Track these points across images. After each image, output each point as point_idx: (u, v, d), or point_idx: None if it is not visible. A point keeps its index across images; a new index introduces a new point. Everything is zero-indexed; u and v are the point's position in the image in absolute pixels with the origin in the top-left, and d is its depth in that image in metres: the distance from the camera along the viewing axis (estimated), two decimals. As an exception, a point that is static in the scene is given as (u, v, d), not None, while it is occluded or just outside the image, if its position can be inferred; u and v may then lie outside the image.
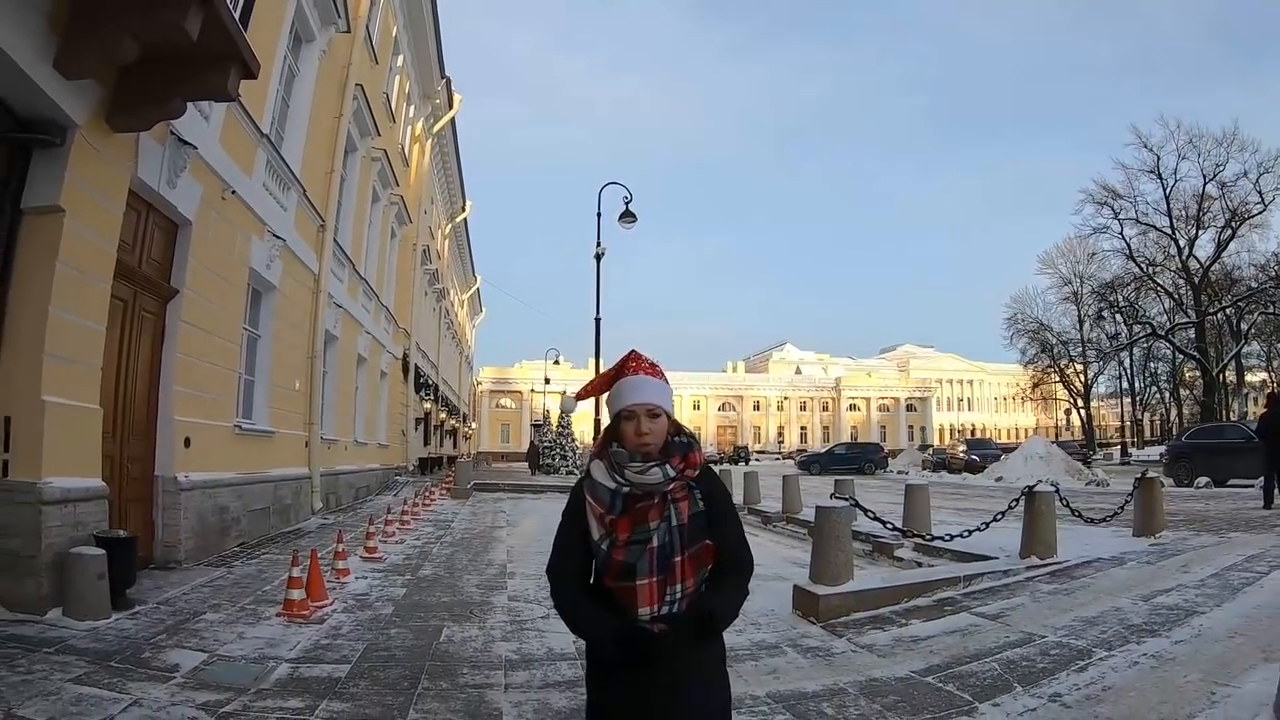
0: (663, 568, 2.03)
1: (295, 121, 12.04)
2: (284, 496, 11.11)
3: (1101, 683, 4.28)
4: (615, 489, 2.08)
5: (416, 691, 4.32)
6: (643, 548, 2.03)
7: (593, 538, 2.09)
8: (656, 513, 2.06)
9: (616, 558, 2.04)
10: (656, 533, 2.04)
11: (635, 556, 2.02)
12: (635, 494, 2.07)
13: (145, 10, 5.64)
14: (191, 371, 8.28)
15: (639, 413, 2.11)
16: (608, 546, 2.05)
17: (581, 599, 2.11)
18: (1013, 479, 25.36)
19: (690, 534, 2.07)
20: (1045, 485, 8.21)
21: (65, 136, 5.91)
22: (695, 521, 2.09)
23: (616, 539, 2.05)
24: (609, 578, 2.06)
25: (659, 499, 2.08)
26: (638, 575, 2.02)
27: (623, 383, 2.17)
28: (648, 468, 2.06)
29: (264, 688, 4.29)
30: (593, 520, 2.10)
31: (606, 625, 2.03)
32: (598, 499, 2.10)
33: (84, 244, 6.13)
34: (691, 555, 2.06)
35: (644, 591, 2.02)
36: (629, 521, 2.06)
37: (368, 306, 18.30)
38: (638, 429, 2.10)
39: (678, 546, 2.05)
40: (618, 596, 2.05)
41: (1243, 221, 45.44)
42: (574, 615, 2.11)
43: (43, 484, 5.57)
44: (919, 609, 6.18)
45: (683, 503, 2.09)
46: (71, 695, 3.96)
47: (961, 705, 4.05)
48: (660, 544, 2.04)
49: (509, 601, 6.87)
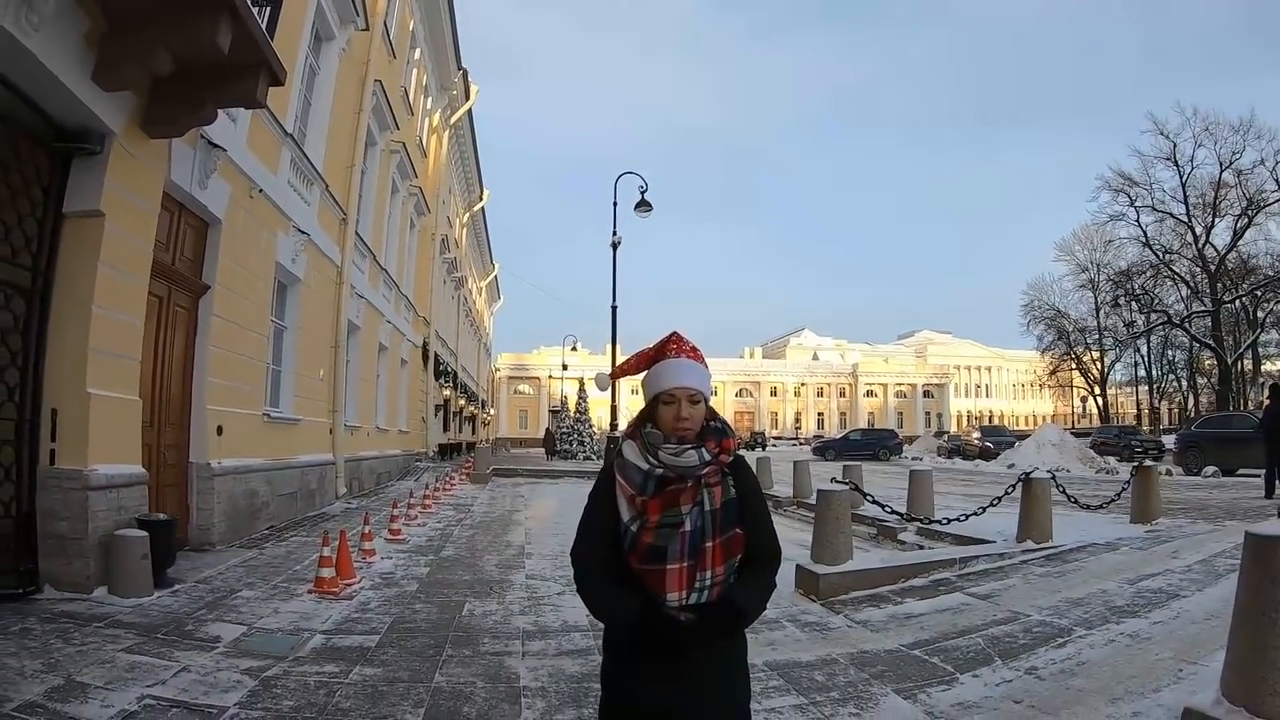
0: (694, 552, 1.99)
1: (317, 119, 12.39)
2: (310, 481, 11.54)
3: (1077, 658, 4.59)
4: (648, 470, 2.04)
5: (441, 658, 4.71)
6: (674, 530, 1.99)
7: (622, 519, 2.05)
8: (689, 496, 2.02)
9: (645, 540, 2.00)
10: (689, 516, 2.00)
11: (666, 539, 1.99)
12: (668, 476, 2.03)
13: (180, 26, 5.96)
14: (223, 363, 8.68)
15: (680, 397, 2.07)
16: (637, 528, 2.01)
17: (604, 580, 2.05)
18: (1024, 466, 25.55)
19: (724, 520, 2.03)
20: (1042, 472, 8.47)
21: (104, 144, 6.26)
22: (729, 509, 2.05)
23: (647, 521, 2.01)
24: (637, 559, 2.01)
25: (692, 483, 2.03)
26: (668, 559, 1.98)
27: (664, 365, 2.12)
28: (683, 450, 2.02)
29: (300, 656, 4.68)
30: (622, 501, 2.06)
31: (629, 608, 1.99)
32: (629, 479, 2.06)
33: (123, 245, 6.50)
34: (724, 542, 2.02)
35: (673, 576, 1.98)
36: (660, 503, 2.02)
37: (388, 296, 18.69)
38: (677, 414, 2.06)
39: (710, 531, 2.01)
40: (645, 580, 2.00)
41: (1259, 210, 45.02)
42: (596, 596, 2.08)
43: (89, 471, 5.97)
44: (915, 588, 6.49)
45: (716, 488, 2.05)
46: (125, 663, 4.35)
47: (943, 675, 4.37)
48: (693, 528, 2.00)
49: (526, 579, 7.27)
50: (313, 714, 3.74)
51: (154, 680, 4.08)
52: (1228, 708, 3.10)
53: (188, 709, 3.72)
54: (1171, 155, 46.64)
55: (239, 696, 3.91)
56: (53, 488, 5.92)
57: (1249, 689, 3.04)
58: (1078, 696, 4.00)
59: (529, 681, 4.33)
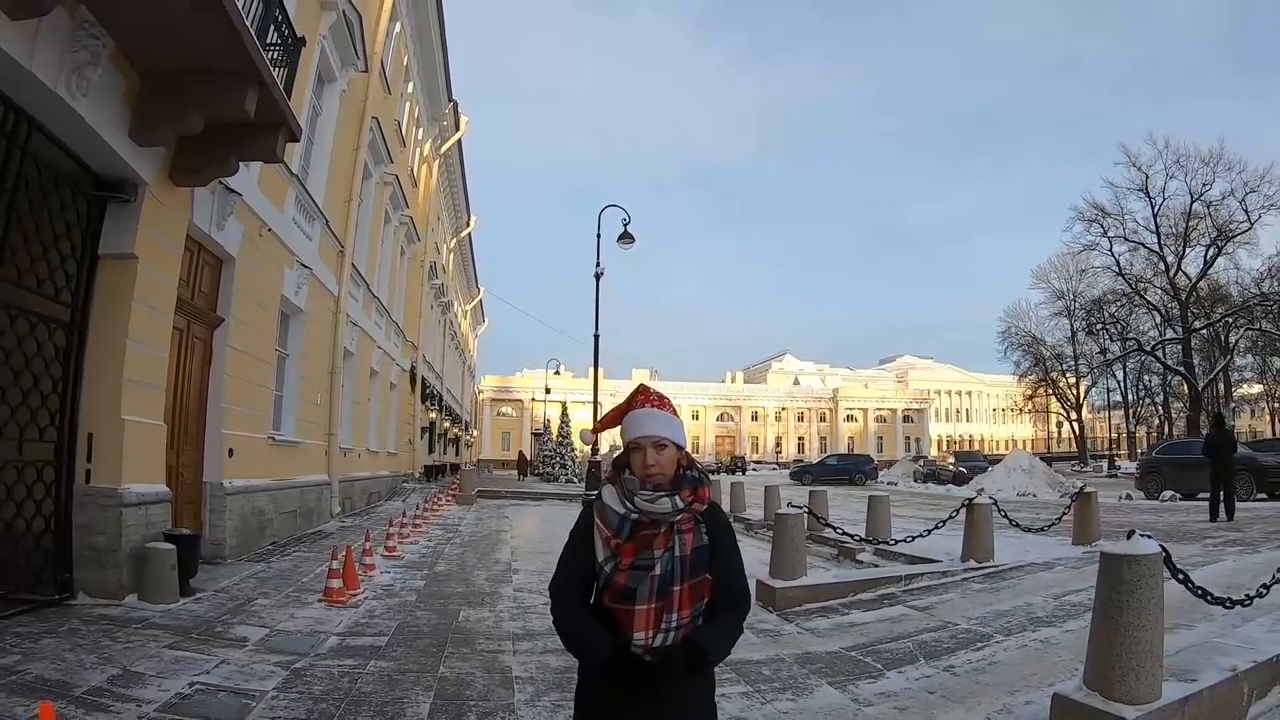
0: (661, 595, 2.10)
1: (319, 157, 13.15)
2: (309, 501, 12.23)
3: (991, 659, 5.36)
4: (624, 515, 2.15)
5: (443, 654, 5.46)
6: (645, 574, 2.10)
7: (598, 559, 2.16)
8: (662, 541, 2.14)
9: (619, 580, 2.11)
10: (660, 560, 2.11)
11: (637, 581, 2.10)
12: (643, 521, 2.14)
13: (213, 93, 6.74)
14: (235, 390, 9.38)
15: (645, 445, 2.19)
16: (611, 569, 2.12)
17: (581, 617, 2.17)
18: (994, 490, 26.33)
19: (692, 566, 2.14)
20: (983, 498, 9.26)
21: (137, 193, 7.00)
22: (698, 554, 2.16)
23: (621, 562, 2.12)
24: (609, 598, 2.13)
25: (665, 528, 2.15)
26: (637, 600, 2.09)
27: (630, 415, 2.27)
28: (658, 497, 2.14)
29: (320, 653, 5.39)
30: (599, 542, 2.17)
31: (603, 644, 2.09)
32: (606, 522, 2.17)
33: (153, 284, 7.22)
34: (691, 586, 2.13)
35: (641, 616, 2.09)
36: (634, 547, 2.13)
37: (380, 323, 19.41)
38: (644, 460, 2.18)
39: (678, 576, 2.12)
40: (615, 618, 2.11)
41: (1229, 239, 46.19)
42: (572, 632, 2.18)
43: (123, 489, 6.67)
44: (862, 602, 7.26)
45: (688, 535, 2.17)
46: (169, 657, 5.04)
47: (873, 672, 5.12)
48: (662, 572, 2.11)
49: (514, 591, 8.00)
50: (340, 696, 4.46)
51: (199, 670, 4.79)
52: (1085, 692, 3.84)
53: (233, 693, 4.43)
54: (1144, 186, 47.54)
55: (275, 683, 4.63)
56: (89, 504, 6.59)
57: (1101, 677, 3.78)
58: (983, 689, 4.74)
59: (520, 672, 5.07)
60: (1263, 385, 61.21)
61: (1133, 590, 3.73)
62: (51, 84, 5.64)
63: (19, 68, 5.32)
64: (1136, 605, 3.72)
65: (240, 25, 6.21)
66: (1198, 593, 4.86)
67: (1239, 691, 4.16)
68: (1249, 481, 19.14)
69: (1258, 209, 44.47)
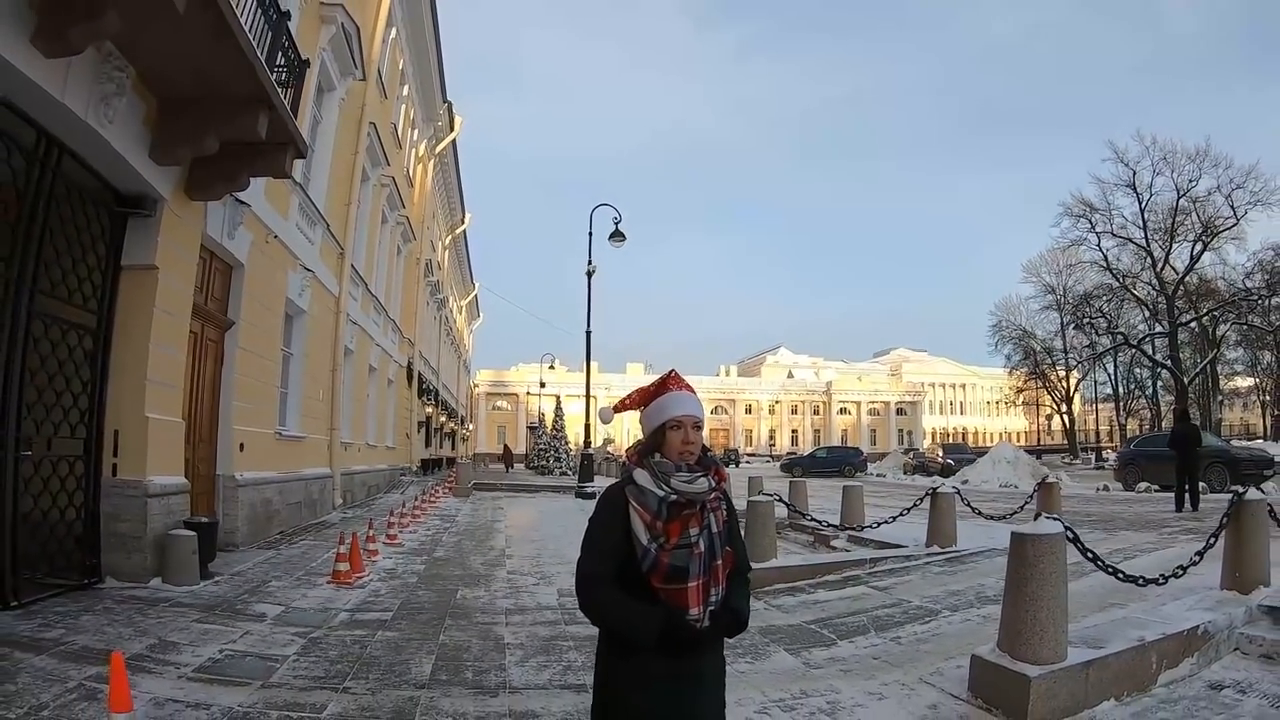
0: (707, 570, 2.19)
1: (319, 164, 13.69)
2: (312, 492, 12.86)
3: (935, 631, 6.00)
4: (663, 496, 2.21)
5: (443, 626, 6.11)
6: (689, 552, 2.18)
7: (640, 542, 2.20)
8: (697, 520, 2.22)
9: (664, 560, 2.17)
10: (701, 538, 2.21)
11: (682, 560, 2.17)
12: (680, 502, 2.21)
13: (227, 117, 7.34)
14: (244, 388, 9.99)
15: (686, 424, 2.30)
16: (656, 550, 2.18)
17: (620, 595, 2.21)
18: (979, 481, 27.10)
19: (724, 540, 2.26)
20: (946, 488, 9.87)
21: (156, 208, 7.59)
22: (729, 529, 2.30)
23: (667, 543, 2.18)
24: (658, 579, 2.17)
25: (699, 507, 2.24)
26: (689, 577, 2.16)
27: (669, 397, 2.37)
28: (695, 478, 2.24)
29: (333, 625, 6.02)
30: (639, 525, 2.21)
31: (657, 614, 2.16)
32: (645, 505, 2.22)
33: (172, 292, 7.81)
34: (724, 560, 2.24)
35: (694, 593, 2.16)
36: (678, 527, 2.21)
37: (377, 321, 20.01)
38: (685, 438, 2.29)
39: (717, 551, 2.23)
40: (666, 597, 2.17)
41: (1215, 235, 46.68)
42: (619, 613, 2.21)
43: (147, 481, 7.27)
44: (829, 582, 7.90)
45: (717, 511, 2.27)
46: (198, 630, 5.66)
47: (826, 641, 5.74)
48: (705, 548, 2.20)
49: (508, 574, 8.64)
50: (353, 659, 5.09)
51: (226, 640, 5.40)
52: (998, 654, 4.44)
53: (259, 657, 5.05)
54: (1131, 182, 47.86)
55: (295, 650, 5.25)
56: (115, 495, 7.18)
57: (1011, 641, 4.39)
58: (922, 655, 5.36)
59: (511, 640, 5.71)
60: (1254, 379, 61.73)
61: (1035, 565, 4.35)
62: (82, 114, 6.21)
63: (53, 100, 5.89)
64: (1039, 578, 4.33)
65: (253, 56, 6.80)
66: (1109, 570, 5.51)
67: (1146, 660, 4.68)
68: (1223, 473, 19.77)
69: (1244, 205, 44.82)
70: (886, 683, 4.78)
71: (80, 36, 5.61)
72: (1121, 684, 4.47)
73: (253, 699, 4.23)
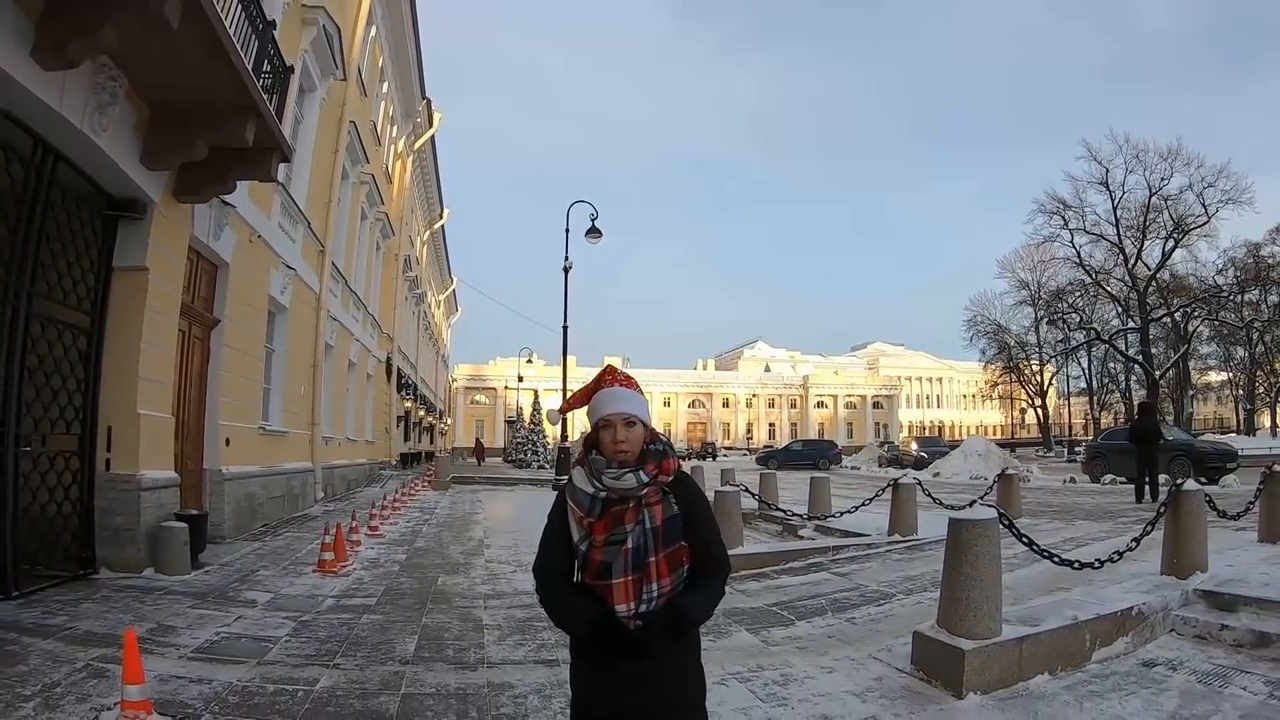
0: (637, 567, 2.17)
1: (300, 163, 13.89)
2: (294, 486, 13.16)
3: (888, 612, 6.40)
4: (593, 494, 2.22)
5: (426, 609, 6.48)
6: (618, 548, 2.17)
7: (574, 539, 2.24)
8: (631, 516, 2.20)
9: (595, 557, 2.19)
10: (632, 534, 2.18)
11: (612, 556, 2.17)
12: (612, 498, 2.21)
13: (216, 124, 7.61)
14: (229, 384, 10.27)
15: (615, 422, 2.25)
16: (586, 547, 2.21)
17: (563, 593, 2.27)
18: (950, 474, 27.71)
19: (666, 536, 2.20)
20: (908, 478, 10.30)
21: (146, 211, 7.85)
22: (670, 524, 2.22)
23: (594, 540, 2.19)
24: (588, 575, 2.22)
25: (634, 503, 2.21)
26: (614, 574, 2.17)
27: (600, 395, 2.31)
28: (622, 474, 2.20)
29: (320, 610, 6.37)
30: (573, 522, 2.24)
31: (584, 615, 2.19)
32: (577, 503, 2.24)
33: (162, 292, 8.09)
34: (667, 556, 2.19)
35: (619, 589, 2.17)
36: (606, 523, 2.20)
37: (357, 317, 20.24)
38: (614, 437, 2.24)
39: (652, 548, 2.18)
40: (597, 593, 2.20)
41: (1186, 232, 47.51)
42: (556, 607, 2.28)
43: (140, 475, 7.55)
44: (793, 569, 8.29)
45: (656, 507, 2.22)
46: (194, 615, 5.99)
47: (785, 621, 6.14)
48: (635, 545, 2.18)
49: (486, 563, 9.02)
50: (341, 639, 5.45)
51: (221, 624, 5.74)
52: (937, 630, 4.83)
53: (254, 639, 5.39)
54: (1104, 180, 48.97)
55: (286, 631, 5.60)
56: (109, 490, 7.46)
57: (948, 617, 4.79)
58: (874, 634, 5.76)
59: (489, 621, 6.10)
60: (1228, 374, 62.66)
61: (970, 547, 4.75)
62: (78, 123, 6.47)
63: (51, 110, 6.15)
64: (973, 559, 4.73)
65: (242, 68, 7.10)
66: (1045, 555, 6.02)
67: (1080, 637, 5.03)
68: (1186, 466, 20.32)
69: (1215, 203, 45.94)
70: (838, 658, 5.16)
71: (78, 51, 5.86)
72: (1055, 659, 4.82)
73: (250, 675, 4.58)
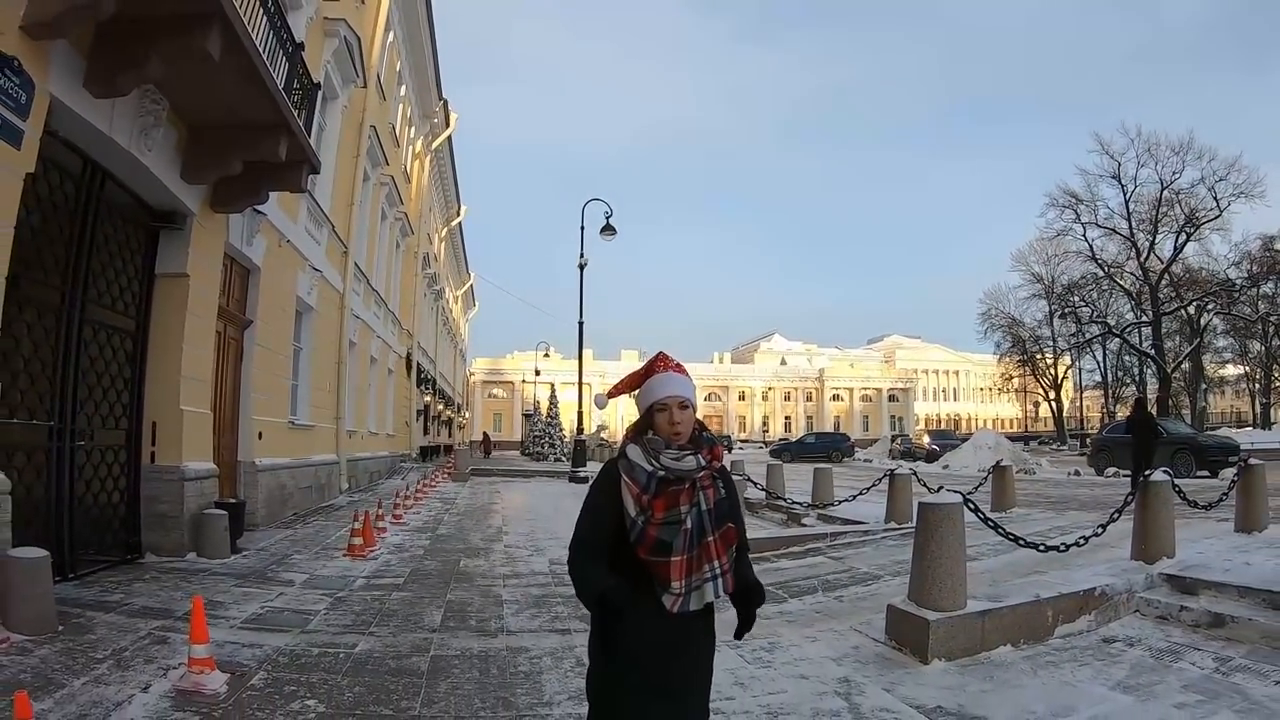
0: (694, 546, 2.23)
1: (324, 169, 14.22)
2: (321, 477, 13.83)
3: (874, 591, 6.92)
4: (651, 471, 2.27)
5: (449, 587, 7.11)
6: (677, 528, 2.22)
7: (629, 514, 2.26)
8: (687, 497, 2.26)
9: (651, 534, 2.22)
10: (690, 515, 2.24)
11: (670, 535, 2.21)
12: (668, 478, 2.26)
13: (251, 142, 8.19)
14: (261, 381, 10.91)
15: (671, 405, 2.32)
16: (643, 523, 2.23)
17: (591, 564, 2.29)
18: (959, 466, 28.13)
19: (718, 517, 2.29)
20: (904, 469, 10.81)
21: (185, 222, 8.45)
22: (720, 507, 2.31)
23: (653, 517, 2.23)
24: (644, 551, 2.23)
25: (689, 485, 2.27)
26: (673, 552, 2.20)
27: (655, 379, 2.39)
28: (684, 455, 2.28)
29: (353, 588, 6.99)
30: (628, 498, 2.27)
31: (599, 584, 2.22)
32: (634, 479, 2.28)
33: (200, 296, 8.68)
34: (721, 536, 2.27)
35: (676, 567, 2.20)
36: (664, 502, 2.25)
37: (378, 314, 20.89)
38: (671, 419, 2.31)
39: (709, 528, 2.25)
40: (651, 569, 2.22)
41: (1198, 226, 47.24)
42: (579, 571, 2.31)
43: (183, 466, 8.16)
44: (792, 554, 8.82)
45: (709, 490, 2.30)
46: (239, 592, 6.60)
47: (778, 599, 6.65)
48: (693, 525, 2.24)
49: (504, 548, 9.64)
50: (374, 612, 6.06)
51: (264, 600, 6.35)
52: (907, 603, 5.33)
53: (295, 612, 6.00)
54: (1116, 174, 48.30)
55: (324, 606, 6.22)
56: (154, 480, 8.07)
57: (917, 591, 5.29)
58: (858, 610, 6.29)
59: (508, 597, 6.71)
60: (1244, 367, 62.32)
61: (936, 528, 5.27)
62: (126, 145, 7.05)
63: (101, 134, 6.73)
64: (939, 539, 5.24)
65: (275, 91, 7.67)
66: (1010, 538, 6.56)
67: (1042, 614, 5.49)
68: (1188, 459, 20.69)
69: (1227, 197, 45.34)
70: (822, 630, 5.69)
71: (127, 81, 6.44)
72: (1018, 632, 5.28)
73: (296, 641, 5.18)
